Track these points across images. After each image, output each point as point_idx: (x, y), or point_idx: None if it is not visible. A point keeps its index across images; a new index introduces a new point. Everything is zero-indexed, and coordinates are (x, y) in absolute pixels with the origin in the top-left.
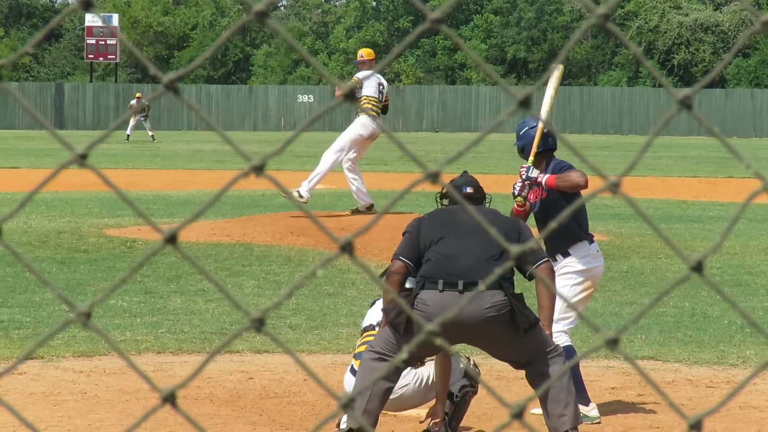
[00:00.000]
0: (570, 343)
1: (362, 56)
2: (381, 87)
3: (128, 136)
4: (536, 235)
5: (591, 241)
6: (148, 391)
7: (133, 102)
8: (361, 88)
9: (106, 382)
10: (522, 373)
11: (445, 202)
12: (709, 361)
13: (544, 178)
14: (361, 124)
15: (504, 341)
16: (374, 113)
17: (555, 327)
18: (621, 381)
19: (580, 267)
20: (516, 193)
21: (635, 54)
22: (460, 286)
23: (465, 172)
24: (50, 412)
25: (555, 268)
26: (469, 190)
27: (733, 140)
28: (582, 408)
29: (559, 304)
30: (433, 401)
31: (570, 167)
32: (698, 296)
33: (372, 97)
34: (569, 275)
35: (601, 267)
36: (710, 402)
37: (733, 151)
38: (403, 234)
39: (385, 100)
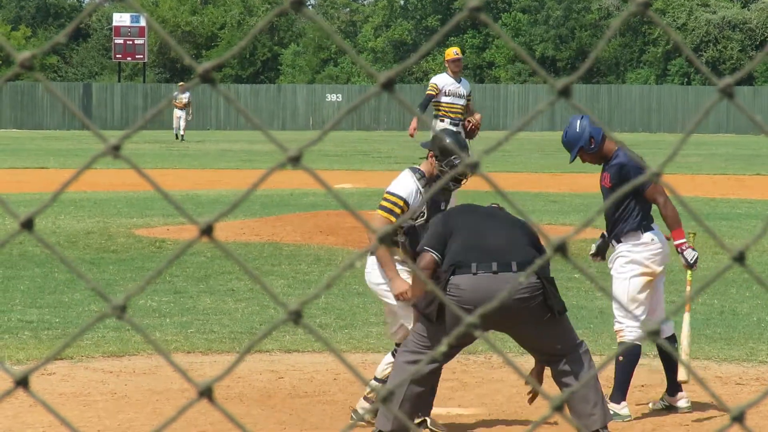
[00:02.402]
0: (639, 343)
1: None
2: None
3: (179, 135)
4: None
5: (645, 231)
6: (178, 391)
7: (177, 92)
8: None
9: (136, 382)
10: (547, 372)
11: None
12: (738, 359)
13: (686, 248)
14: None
15: (534, 326)
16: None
17: (628, 322)
18: (650, 379)
19: (631, 257)
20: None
21: (675, 42)
22: (495, 267)
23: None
24: (80, 412)
25: (613, 254)
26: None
27: (760, 138)
28: (614, 405)
29: (624, 299)
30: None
31: (634, 167)
32: (727, 293)
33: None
34: (624, 268)
35: (658, 250)
36: (740, 399)
37: None
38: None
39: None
